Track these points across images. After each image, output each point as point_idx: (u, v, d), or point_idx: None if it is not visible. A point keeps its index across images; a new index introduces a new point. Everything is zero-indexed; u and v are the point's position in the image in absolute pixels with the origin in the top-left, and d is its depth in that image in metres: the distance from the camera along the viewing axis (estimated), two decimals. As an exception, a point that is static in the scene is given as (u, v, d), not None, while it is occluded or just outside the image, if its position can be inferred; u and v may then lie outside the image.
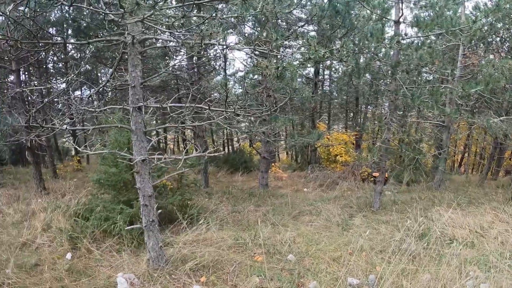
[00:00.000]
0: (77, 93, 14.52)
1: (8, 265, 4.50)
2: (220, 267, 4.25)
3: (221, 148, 18.39)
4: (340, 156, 12.75)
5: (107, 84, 4.10)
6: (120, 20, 3.30)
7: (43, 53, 10.30)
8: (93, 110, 4.05)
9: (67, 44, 11.57)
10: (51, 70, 13.98)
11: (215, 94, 11.67)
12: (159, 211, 4.25)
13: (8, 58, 8.33)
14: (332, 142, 13.21)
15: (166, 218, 5.96)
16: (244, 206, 7.63)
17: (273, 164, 13.11)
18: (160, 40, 9.38)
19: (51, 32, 10.15)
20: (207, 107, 4.03)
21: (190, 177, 7.74)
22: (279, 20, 10.96)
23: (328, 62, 14.83)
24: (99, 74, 15.45)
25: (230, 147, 20.52)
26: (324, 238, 5.37)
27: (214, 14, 3.36)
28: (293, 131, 13.44)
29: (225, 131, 17.11)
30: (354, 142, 14.40)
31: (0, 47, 7.19)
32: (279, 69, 3.67)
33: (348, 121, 19.79)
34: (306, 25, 12.62)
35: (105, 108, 4.19)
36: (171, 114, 4.22)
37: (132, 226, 4.29)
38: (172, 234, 5.36)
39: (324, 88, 16.94)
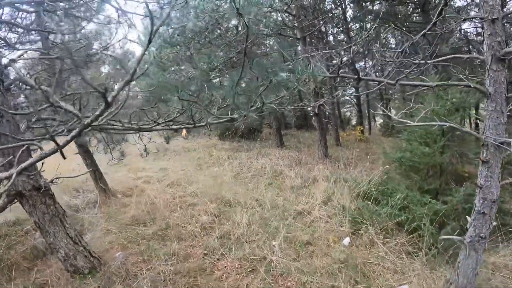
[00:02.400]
0: (358, 64, 14.71)
1: (278, 236, 4.25)
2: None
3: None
4: None
5: (433, 28, 2.78)
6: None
7: (324, 25, 11.26)
8: (417, 63, 2.96)
9: (346, 16, 12.15)
10: (332, 43, 14.42)
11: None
12: (494, 223, 2.91)
13: (293, 27, 8.98)
14: None
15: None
16: None
17: None
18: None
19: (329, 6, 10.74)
20: None
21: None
22: None
23: None
24: (383, 42, 14.54)
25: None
26: None
27: None
28: None
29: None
30: None
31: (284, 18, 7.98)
32: None
33: None
34: None
35: (438, 60, 2.89)
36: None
37: (450, 237, 3.20)
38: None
39: None
